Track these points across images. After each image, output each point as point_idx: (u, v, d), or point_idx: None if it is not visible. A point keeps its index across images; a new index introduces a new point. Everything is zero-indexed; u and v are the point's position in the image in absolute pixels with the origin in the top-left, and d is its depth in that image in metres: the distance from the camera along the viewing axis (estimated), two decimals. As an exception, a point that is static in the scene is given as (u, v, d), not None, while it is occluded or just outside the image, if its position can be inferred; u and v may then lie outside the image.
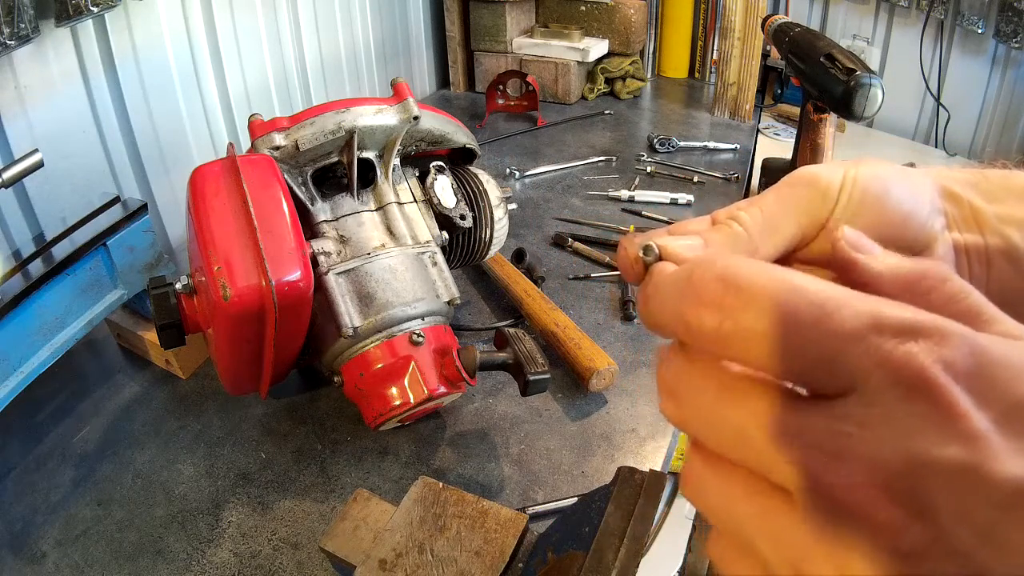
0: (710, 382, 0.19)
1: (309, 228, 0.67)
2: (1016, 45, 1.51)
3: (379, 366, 0.64)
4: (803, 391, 0.18)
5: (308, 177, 0.68)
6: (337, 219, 0.69)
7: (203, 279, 0.58)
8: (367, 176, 0.71)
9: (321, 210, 0.68)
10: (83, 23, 0.87)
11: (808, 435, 0.17)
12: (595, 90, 1.66)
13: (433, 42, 1.71)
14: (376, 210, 0.70)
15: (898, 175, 0.26)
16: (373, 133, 0.70)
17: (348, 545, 0.49)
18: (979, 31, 1.58)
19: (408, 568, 0.45)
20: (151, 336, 0.79)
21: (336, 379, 0.67)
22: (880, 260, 0.20)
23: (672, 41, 1.80)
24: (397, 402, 0.62)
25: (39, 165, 0.67)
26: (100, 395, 0.79)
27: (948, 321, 0.16)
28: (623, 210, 1.15)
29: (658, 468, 0.64)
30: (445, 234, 0.73)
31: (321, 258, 0.65)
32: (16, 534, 0.63)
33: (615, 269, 0.97)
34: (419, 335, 0.65)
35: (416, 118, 0.71)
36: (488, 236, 0.80)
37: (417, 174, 0.76)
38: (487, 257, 0.84)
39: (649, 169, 1.29)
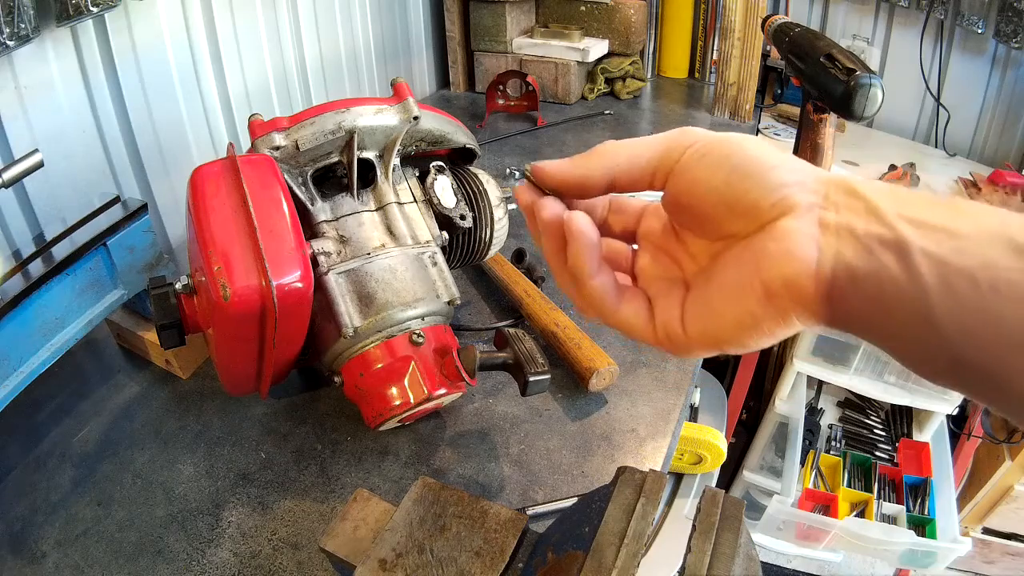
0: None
1: (309, 228, 0.67)
2: (1016, 45, 1.51)
3: (379, 366, 0.64)
4: None
5: (308, 177, 0.68)
6: (337, 219, 0.69)
7: (203, 279, 0.58)
8: (367, 176, 0.71)
9: (321, 210, 0.68)
10: (83, 23, 0.86)
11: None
12: (595, 90, 1.66)
13: (433, 42, 1.71)
14: (376, 210, 0.70)
15: (758, 149, 0.30)
16: (373, 133, 0.70)
17: (348, 545, 0.49)
18: (979, 31, 1.58)
19: (408, 568, 0.45)
20: (151, 336, 0.79)
21: (336, 379, 0.67)
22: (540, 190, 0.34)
23: (672, 41, 1.80)
24: (397, 402, 0.62)
25: (39, 165, 0.67)
26: (100, 395, 0.79)
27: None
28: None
29: (658, 468, 0.64)
30: (445, 234, 0.73)
31: (321, 258, 0.65)
32: (16, 534, 0.63)
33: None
34: (419, 335, 0.64)
35: (416, 118, 0.71)
36: (488, 236, 0.80)
37: (417, 174, 0.76)
38: (487, 257, 0.84)
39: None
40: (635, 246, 0.37)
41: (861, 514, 1.49)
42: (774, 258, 0.28)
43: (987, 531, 1.71)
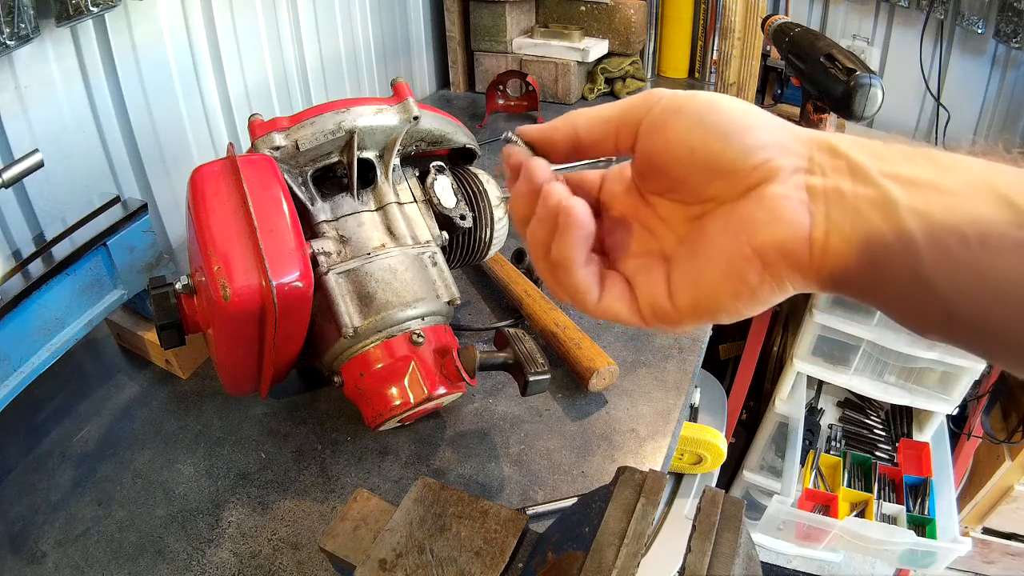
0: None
1: (309, 228, 0.67)
2: (1016, 45, 1.51)
3: (379, 366, 0.64)
4: None
5: (308, 177, 0.68)
6: (337, 219, 0.69)
7: (203, 279, 0.58)
8: (367, 176, 0.71)
9: (321, 210, 0.68)
10: (83, 23, 0.86)
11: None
12: (595, 90, 1.66)
13: (433, 42, 1.71)
14: (376, 210, 0.70)
15: (735, 107, 0.29)
16: (373, 133, 0.70)
17: (348, 545, 0.49)
18: (979, 31, 1.58)
19: (408, 568, 0.45)
20: (151, 336, 0.79)
21: (336, 379, 0.67)
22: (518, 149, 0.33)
23: (672, 41, 1.80)
24: (397, 402, 0.62)
25: (39, 165, 0.67)
26: (100, 395, 0.79)
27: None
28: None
29: (658, 468, 0.64)
30: (445, 234, 0.73)
31: (321, 258, 0.65)
32: (16, 534, 0.63)
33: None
34: (419, 335, 0.64)
35: (416, 118, 0.71)
36: (488, 236, 0.80)
37: (417, 174, 0.76)
38: (487, 257, 0.84)
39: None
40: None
41: (861, 514, 1.49)
42: (765, 225, 0.27)
43: (987, 531, 1.71)
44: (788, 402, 1.64)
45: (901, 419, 1.70)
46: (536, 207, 0.31)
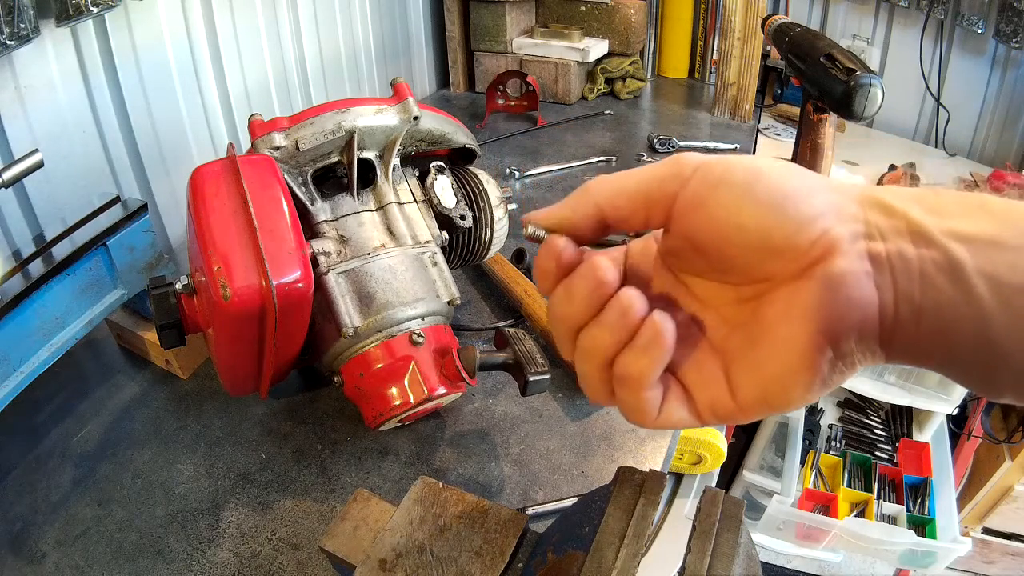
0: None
1: (309, 228, 0.67)
2: (1016, 45, 1.51)
3: (379, 366, 0.64)
4: None
5: (308, 177, 0.68)
6: (337, 219, 0.69)
7: (203, 279, 0.58)
8: (367, 176, 0.71)
9: (321, 210, 0.68)
10: (83, 23, 0.86)
11: None
12: (595, 90, 1.66)
13: (433, 42, 1.71)
14: (376, 210, 0.70)
15: (778, 172, 0.26)
16: (373, 133, 0.70)
17: (348, 545, 0.49)
18: (979, 31, 1.58)
19: (408, 568, 0.45)
20: (151, 336, 0.79)
21: (336, 379, 0.67)
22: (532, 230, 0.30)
23: (672, 41, 1.80)
24: (397, 402, 0.62)
25: (39, 165, 0.67)
26: (100, 395, 0.79)
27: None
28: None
29: (658, 468, 0.64)
30: (445, 234, 0.73)
31: (321, 258, 0.65)
32: (16, 534, 0.63)
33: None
34: (419, 335, 0.64)
35: (416, 118, 0.71)
36: (488, 236, 0.80)
37: (417, 174, 0.76)
38: (487, 257, 0.84)
39: (649, 169, 1.29)
40: None
41: (861, 514, 1.49)
42: (835, 309, 0.25)
43: (987, 531, 1.71)
44: (788, 402, 1.64)
45: (901, 419, 1.70)
46: (595, 309, 0.28)
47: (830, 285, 0.25)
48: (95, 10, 0.83)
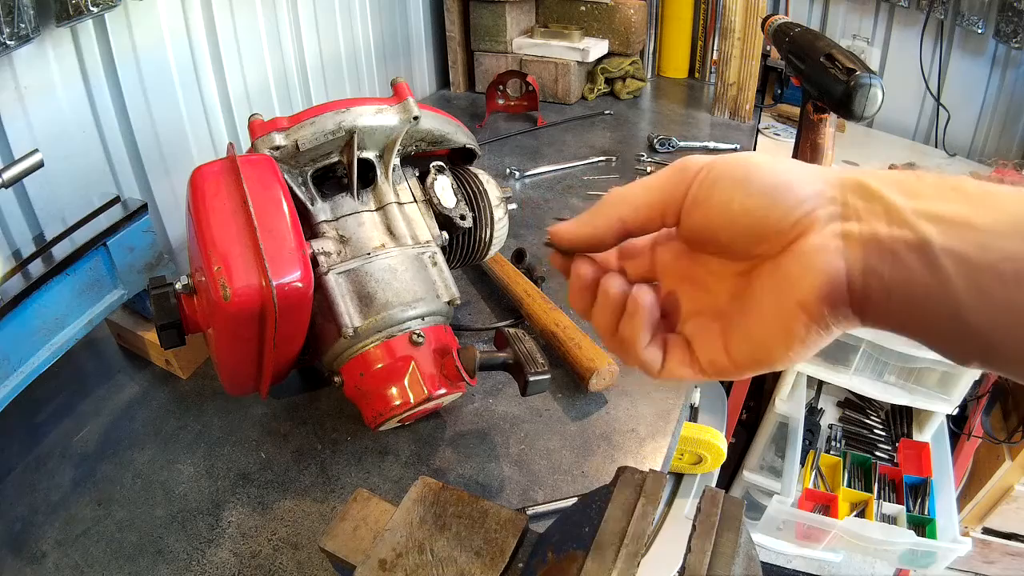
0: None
1: (309, 228, 0.67)
2: (1016, 45, 1.51)
3: (379, 366, 0.64)
4: None
5: (308, 177, 0.68)
6: (337, 219, 0.69)
7: (203, 279, 0.58)
8: (367, 176, 0.71)
9: (321, 210, 0.68)
10: (83, 23, 0.86)
11: None
12: (595, 90, 1.66)
13: (433, 42, 1.71)
14: (376, 210, 0.70)
15: (768, 166, 0.30)
16: (373, 133, 0.70)
17: (348, 545, 0.49)
18: (979, 31, 1.58)
19: (408, 568, 0.45)
20: (151, 336, 0.79)
21: (336, 379, 0.67)
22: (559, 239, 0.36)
23: (672, 41, 1.80)
24: (397, 402, 0.62)
25: (39, 165, 0.67)
26: (100, 395, 0.79)
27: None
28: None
29: (658, 468, 0.64)
30: (445, 234, 0.73)
31: (321, 258, 0.65)
32: (16, 534, 0.63)
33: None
34: (419, 335, 0.64)
35: (416, 118, 0.71)
36: (488, 236, 0.80)
37: (417, 174, 0.76)
38: (487, 257, 0.84)
39: (649, 169, 1.29)
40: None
41: (861, 514, 1.49)
42: (805, 279, 0.28)
43: (987, 531, 1.71)
44: (788, 402, 1.64)
45: (901, 419, 1.70)
46: (595, 297, 0.35)
47: (800, 258, 0.28)
48: (95, 10, 0.83)
